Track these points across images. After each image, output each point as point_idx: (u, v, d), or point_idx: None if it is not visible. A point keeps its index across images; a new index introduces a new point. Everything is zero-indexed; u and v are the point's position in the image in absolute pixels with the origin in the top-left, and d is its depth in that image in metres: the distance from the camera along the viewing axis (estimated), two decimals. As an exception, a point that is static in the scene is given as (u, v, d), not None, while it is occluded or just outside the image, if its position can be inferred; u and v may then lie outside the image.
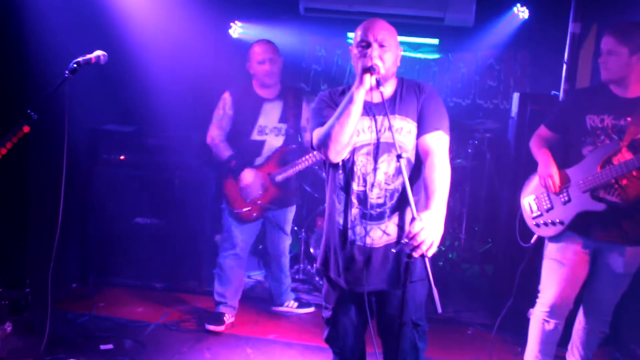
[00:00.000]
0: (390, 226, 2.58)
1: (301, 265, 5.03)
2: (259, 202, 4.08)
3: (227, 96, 4.09)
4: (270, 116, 4.08)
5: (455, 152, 5.33)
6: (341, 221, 2.64)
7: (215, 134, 4.09)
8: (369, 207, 2.57)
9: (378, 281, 2.63)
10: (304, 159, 4.01)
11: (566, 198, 3.18)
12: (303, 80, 6.26)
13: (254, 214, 4.10)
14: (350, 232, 2.61)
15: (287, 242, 4.43)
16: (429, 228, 2.19)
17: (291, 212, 4.38)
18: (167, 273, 4.80)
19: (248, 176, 4.00)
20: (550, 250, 3.28)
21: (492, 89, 6.19)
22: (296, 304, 4.53)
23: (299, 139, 4.23)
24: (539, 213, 3.29)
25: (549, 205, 3.25)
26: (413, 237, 2.17)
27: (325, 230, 2.77)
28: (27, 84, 3.97)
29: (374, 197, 2.56)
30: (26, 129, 3.26)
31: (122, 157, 4.82)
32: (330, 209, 2.72)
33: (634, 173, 2.99)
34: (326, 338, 2.86)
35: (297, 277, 5.04)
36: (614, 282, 3.24)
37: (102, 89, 4.54)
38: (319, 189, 5.25)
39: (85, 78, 4.03)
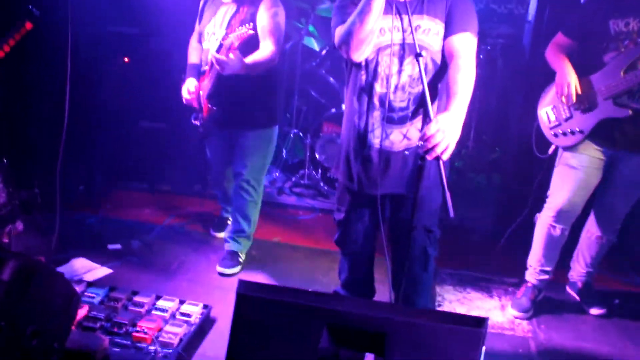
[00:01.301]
0: (412, 130, 2.53)
1: (306, 171, 5.02)
2: (200, 115, 3.61)
3: (202, 3, 3.60)
4: (215, 22, 3.44)
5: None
6: (361, 124, 2.59)
7: (191, 38, 3.69)
8: (391, 110, 2.50)
9: (395, 185, 2.61)
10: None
11: (586, 105, 3.08)
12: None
13: (200, 129, 3.66)
14: (370, 135, 2.57)
15: (248, 168, 3.63)
16: (445, 130, 2.12)
17: (259, 136, 3.61)
18: (172, 176, 4.82)
19: (184, 87, 3.54)
20: (565, 157, 3.23)
21: (508, -8, 5.94)
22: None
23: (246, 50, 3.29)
24: (557, 123, 3.20)
25: (568, 114, 3.16)
26: (428, 139, 2.12)
27: (343, 133, 2.73)
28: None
29: (397, 100, 2.49)
30: (28, 25, 3.17)
31: (126, 59, 4.70)
32: (349, 111, 2.66)
33: None
34: (336, 240, 2.88)
35: (302, 182, 5.04)
36: (627, 191, 3.22)
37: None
38: (325, 95, 5.16)
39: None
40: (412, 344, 1.88)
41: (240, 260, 3.73)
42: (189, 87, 3.51)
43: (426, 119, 2.43)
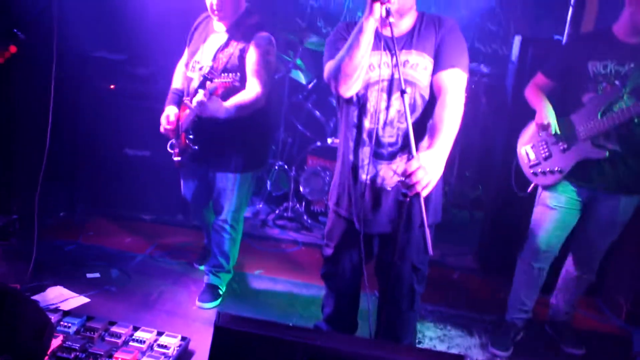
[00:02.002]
0: (402, 166, 2.49)
1: (290, 204, 5.02)
2: (174, 149, 3.51)
3: (194, 26, 3.51)
4: (205, 52, 3.33)
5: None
6: (353, 159, 2.59)
7: (181, 61, 3.59)
8: (380, 145, 2.51)
9: (385, 223, 2.60)
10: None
11: (565, 146, 3.13)
12: (299, 15, 6.08)
13: (175, 160, 3.55)
14: (360, 171, 2.57)
15: (227, 208, 3.56)
16: (426, 168, 2.13)
17: (236, 180, 3.49)
18: (155, 205, 4.78)
19: (164, 113, 3.41)
20: (544, 196, 3.27)
21: (492, 33, 6.06)
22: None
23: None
24: (537, 161, 3.24)
25: (547, 154, 3.20)
26: (409, 176, 2.13)
27: (337, 167, 2.74)
28: (12, 3, 3.81)
29: (386, 135, 2.50)
30: (13, 49, 3.17)
31: (112, 86, 4.71)
32: (343, 147, 2.67)
33: (635, 120, 2.95)
34: (323, 274, 2.87)
35: (285, 214, 5.04)
36: (605, 231, 3.25)
37: (93, 15, 4.40)
38: (311, 128, 5.19)
39: (76, 3, 3.93)
40: (392, 381, 1.87)
41: (220, 293, 3.69)
42: (169, 116, 3.37)
43: (409, 156, 2.43)
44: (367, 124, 2.52)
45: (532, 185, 3.35)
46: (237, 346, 1.97)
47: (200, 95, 3.06)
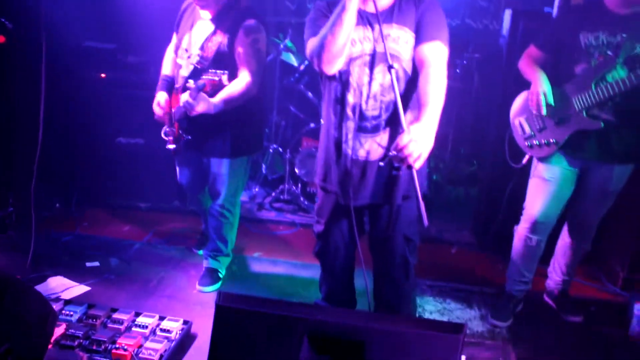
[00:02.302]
0: (385, 139, 2.54)
1: (286, 186, 5.03)
2: (167, 133, 3.41)
3: (180, 11, 3.47)
4: (192, 39, 3.31)
5: (442, 72, 5.24)
6: (336, 134, 2.61)
7: (170, 48, 3.56)
8: (364, 119, 2.53)
9: (371, 195, 2.63)
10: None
11: (560, 117, 3.12)
12: (288, -3, 6.05)
13: (169, 146, 3.44)
14: (344, 146, 2.59)
15: (223, 193, 3.56)
16: (418, 140, 2.17)
17: (231, 164, 3.49)
18: (151, 193, 4.79)
19: (155, 100, 3.40)
20: (539, 169, 3.28)
21: (483, 8, 6.04)
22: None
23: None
24: (531, 133, 3.23)
25: (541, 125, 3.20)
26: (400, 149, 2.15)
27: (321, 143, 2.75)
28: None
29: (369, 109, 2.52)
30: (1, 38, 3.15)
31: (103, 75, 4.69)
32: (326, 122, 2.69)
33: (629, 90, 2.95)
34: (316, 252, 2.89)
35: (282, 197, 5.05)
36: (600, 200, 3.27)
37: (82, 3, 4.36)
38: (304, 110, 5.18)
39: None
40: (392, 351, 1.89)
41: (220, 276, 3.71)
42: (160, 101, 3.35)
43: (398, 129, 2.46)
44: (350, 98, 2.53)
45: (526, 157, 3.36)
46: (239, 324, 1.99)
47: (186, 96, 3.06)
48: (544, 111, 3.11)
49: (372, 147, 2.56)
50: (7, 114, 4.10)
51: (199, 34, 3.30)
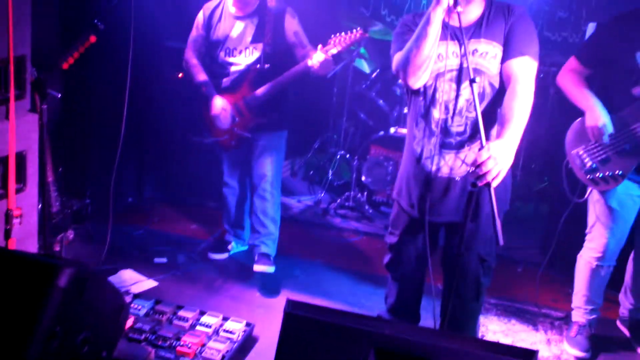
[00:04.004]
0: (470, 155, 2.50)
1: (352, 193, 5.02)
2: (235, 129, 3.70)
3: (200, 15, 3.72)
4: (241, 36, 3.60)
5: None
6: (419, 150, 2.60)
7: (189, 56, 3.78)
8: (448, 135, 2.51)
9: (451, 212, 2.60)
10: (280, 77, 3.54)
11: (623, 147, 2.93)
12: (363, 4, 6.05)
13: (232, 142, 3.76)
14: (428, 162, 2.57)
15: (271, 167, 3.79)
16: (497, 157, 2.13)
17: (277, 138, 3.82)
18: (220, 193, 4.86)
19: (217, 104, 3.66)
20: (601, 196, 3.09)
21: (562, 20, 5.87)
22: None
23: (284, 58, 3.61)
24: (593, 166, 3.01)
25: (603, 156, 2.98)
26: (479, 166, 2.12)
27: (403, 158, 2.74)
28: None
29: (455, 125, 2.50)
30: (93, 38, 3.31)
31: (180, 75, 4.80)
32: (409, 137, 2.68)
33: None
34: (387, 263, 2.87)
35: (347, 204, 5.04)
36: None
37: (163, 3, 4.48)
38: (374, 117, 5.17)
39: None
40: (460, 373, 1.85)
41: (273, 260, 3.84)
42: (223, 105, 3.66)
43: (479, 145, 2.42)
44: (436, 114, 2.51)
45: (589, 190, 3.14)
46: (306, 332, 2.00)
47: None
48: (605, 141, 2.92)
49: (456, 164, 2.53)
50: (90, 109, 4.27)
51: (244, 29, 3.60)
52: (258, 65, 3.59)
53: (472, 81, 2.24)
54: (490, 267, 2.70)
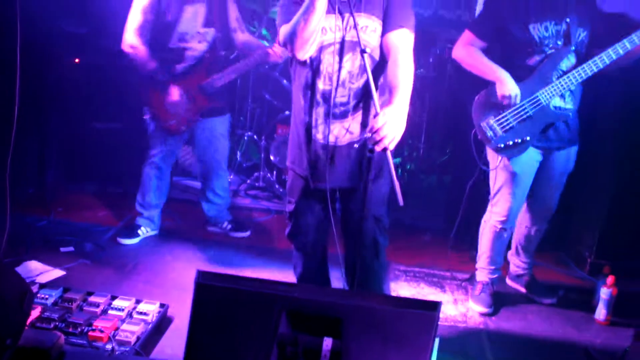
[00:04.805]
0: (353, 125, 2.63)
1: (261, 173, 5.05)
2: (188, 114, 3.80)
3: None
4: (192, 21, 3.67)
5: (416, 61, 5.29)
6: (307, 119, 2.67)
7: (134, 42, 3.64)
8: (333, 105, 2.60)
9: (341, 179, 2.69)
10: (239, 64, 3.75)
11: (529, 114, 3.12)
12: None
13: (183, 127, 3.83)
14: (314, 130, 2.66)
15: (222, 152, 4.10)
16: (392, 122, 2.25)
17: (224, 121, 4.04)
18: (126, 178, 4.75)
19: (175, 93, 3.70)
20: (505, 162, 3.25)
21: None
22: (230, 226, 4.30)
23: (229, 44, 3.89)
24: (501, 135, 3.15)
25: (510, 125, 3.14)
26: (376, 131, 2.22)
27: (292, 127, 2.80)
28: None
29: (339, 95, 2.59)
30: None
31: (77, 60, 4.64)
32: (296, 107, 2.74)
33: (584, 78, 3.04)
34: (288, 233, 2.92)
35: (257, 184, 5.07)
36: (559, 182, 3.40)
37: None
38: (279, 97, 5.20)
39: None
40: (368, 328, 1.93)
41: None
42: (181, 92, 3.73)
43: (367, 113, 2.60)
44: (320, 85, 2.61)
45: (498, 159, 3.27)
46: (218, 302, 2.02)
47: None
48: (514, 110, 3.11)
49: (340, 132, 2.64)
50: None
51: (194, 14, 3.69)
52: (213, 52, 3.76)
53: (362, 51, 2.36)
54: (385, 227, 2.81)
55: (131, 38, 3.65)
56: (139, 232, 4.03)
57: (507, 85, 3.07)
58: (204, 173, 4.16)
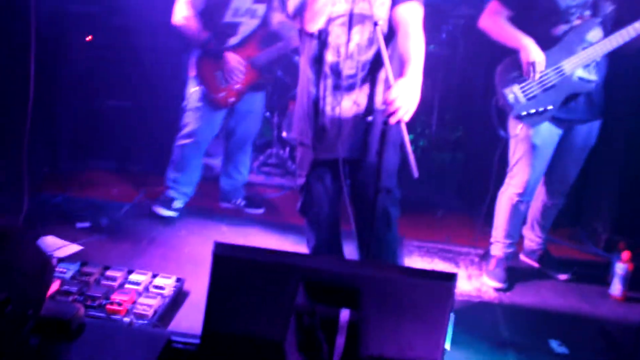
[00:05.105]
0: (361, 96, 2.64)
1: (274, 150, 5.05)
2: (238, 86, 3.84)
3: None
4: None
5: (427, 38, 5.24)
6: (314, 91, 2.68)
7: (188, 14, 3.65)
8: (341, 78, 2.60)
9: (347, 150, 2.70)
10: (280, 43, 3.83)
11: (552, 83, 3.10)
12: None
13: (231, 99, 3.86)
14: (321, 102, 2.67)
15: (254, 129, 4.20)
16: (406, 94, 2.25)
17: (262, 98, 4.16)
18: (141, 155, 4.78)
19: (233, 59, 3.74)
20: (526, 134, 3.23)
21: (468, -26, 6.02)
22: (244, 203, 4.34)
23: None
24: (525, 103, 3.14)
25: (535, 93, 3.13)
26: (390, 103, 2.22)
27: (298, 100, 2.80)
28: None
29: (346, 68, 2.60)
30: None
31: (89, 38, 4.64)
32: (303, 80, 2.74)
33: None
34: (300, 207, 2.93)
35: (269, 161, 5.08)
36: (579, 156, 3.37)
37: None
38: (291, 74, 5.17)
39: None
40: (385, 298, 1.94)
41: None
42: (239, 61, 3.77)
43: (374, 85, 2.60)
44: (329, 57, 2.61)
45: (519, 126, 3.24)
46: (236, 273, 2.03)
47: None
48: (539, 77, 3.08)
49: (347, 104, 2.64)
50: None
51: None
52: (265, 27, 3.84)
53: (375, 24, 2.35)
54: (396, 198, 2.81)
55: (183, 9, 3.65)
56: (173, 205, 4.01)
57: (532, 52, 3.05)
58: (231, 147, 4.18)
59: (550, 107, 3.14)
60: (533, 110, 3.16)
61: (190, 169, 4.02)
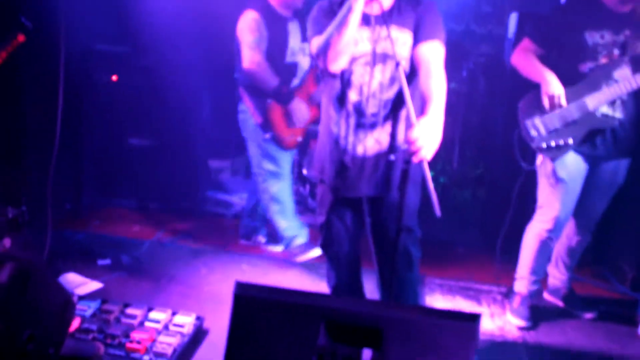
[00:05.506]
0: (383, 135, 2.65)
1: (294, 187, 5.05)
2: (304, 125, 3.91)
3: (256, 16, 3.65)
4: (295, 36, 3.81)
5: (448, 75, 5.27)
6: (335, 130, 2.70)
7: (259, 59, 3.62)
8: (363, 116, 2.62)
9: (368, 188, 2.70)
10: None
11: (574, 117, 3.12)
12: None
13: (299, 139, 3.93)
14: (343, 141, 2.69)
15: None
16: (428, 133, 2.24)
17: None
18: (161, 194, 4.82)
19: (302, 106, 3.80)
20: (551, 168, 3.24)
21: (487, 14, 6.08)
22: (264, 240, 4.34)
23: None
24: (545, 135, 3.18)
25: (556, 126, 3.16)
26: (412, 143, 2.21)
27: (320, 138, 2.81)
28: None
29: (369, 106, 2.61)
30: (21, 37, 3.19)
31: (114, 78, 4.74)
32: (326, 118, 2.76)
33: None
34: (321, 244, 2.92)
35: (290, 198, 5.07)
36: (607, 193, 3.33)
37: (93, 6, 4.40)
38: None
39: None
40: (408, 339, 1.91)
41: None
42: (306, 105, 3.82)
43: (396, 123, 2.62)
44: (352, 96, 2.63)
45: (539, 158, 3.31)
46: (256, 313, 2.02)
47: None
48: (560, 110, 3.12)
49: (369, 143, 2.65)
50: (21, 114, 4.14)
51: (295, 30, 3.83)
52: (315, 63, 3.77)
53: (397, 64, 2.38)
54: (417, 237, 2.80)
55: (254, 55, 3.62)
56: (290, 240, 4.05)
57: (552, 85, 3.11)
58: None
59: (570, 141, 3.14)
60: (553, 143, 3.17)
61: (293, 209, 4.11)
